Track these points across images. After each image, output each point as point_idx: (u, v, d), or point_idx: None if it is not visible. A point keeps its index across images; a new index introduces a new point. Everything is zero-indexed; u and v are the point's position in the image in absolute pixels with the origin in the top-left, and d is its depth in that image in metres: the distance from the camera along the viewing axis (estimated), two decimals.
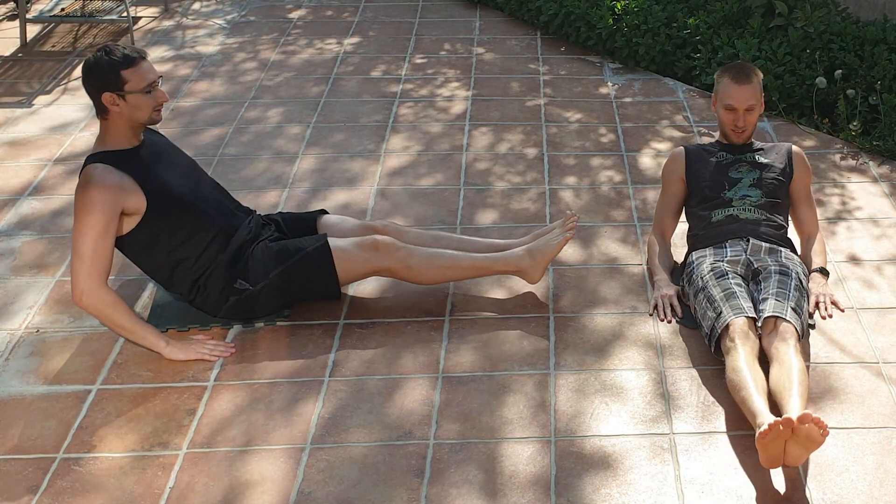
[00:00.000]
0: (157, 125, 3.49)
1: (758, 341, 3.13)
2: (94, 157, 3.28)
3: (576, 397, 3.14)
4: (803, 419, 2.65)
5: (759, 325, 3.19)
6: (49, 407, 3.13)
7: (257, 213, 3.66)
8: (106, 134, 3.31)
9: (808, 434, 2.66)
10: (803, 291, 3.35)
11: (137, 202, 3.25)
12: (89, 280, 3.18)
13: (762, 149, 3.74)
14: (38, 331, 3.49)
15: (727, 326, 3.14)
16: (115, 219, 3.21)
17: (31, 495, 2.80)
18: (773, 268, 3.36)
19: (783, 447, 2.71)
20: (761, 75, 3.69)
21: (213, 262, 3.39)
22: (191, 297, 3.46)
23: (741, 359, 3.01)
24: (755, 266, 3.40)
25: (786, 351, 3.04)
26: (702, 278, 3.39)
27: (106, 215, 3.18)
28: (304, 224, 3.66)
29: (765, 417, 2.76)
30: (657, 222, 3.80)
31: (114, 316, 3.22)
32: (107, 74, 3.21)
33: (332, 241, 3.44)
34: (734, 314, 3.16)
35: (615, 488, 2.79)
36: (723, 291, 3.28)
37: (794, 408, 2.81)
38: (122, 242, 3.33)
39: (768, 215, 3.56)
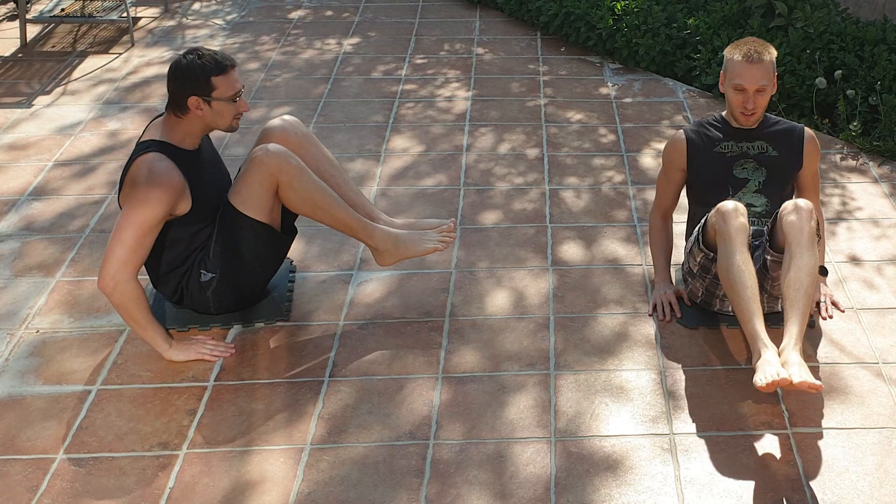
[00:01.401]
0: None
1: (748, 227, 3.14)
2: (157, 146, 3.22)
3: (576, 397, 3.14)
4: (800, 386, 2.80)
5: (777, 215, 3.18)
6: (49, 407, 3.13)
7: None
8: (174, 129, 3.26)
9: (805, 392, 2.85)
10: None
11: (186, 206, 3.24)
12: (124, 270, 3.14)
13: (772, 133, 3.50)
14: (38, 331, 3.49)
15: (717, 210, 3.15)
16: (167, 216, 3.20)
17: (31, 495, 2.80)
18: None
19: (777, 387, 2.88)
20: (775, 53, 3.41)
21: (191, 263, 3.38)
22: (175, 299, 3.45)
23: (735, 253, 3.05)
24: (754, 244, 3.36)
25: (800, 242, 3.04)
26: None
27: (162, 212, 3.16)
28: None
29: (763, 348, 2.91)
30: (658, 202, 3.68)
31: (134, 310, 3.20)
32: (198, 78, 3.18)
33: (230, 192, 3.35)
34: (725, 201, 3.19)
35: (615, 488, 2.79)
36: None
37: (791, 335, 2.93)
38: None
39: (771, 225, 3.42)
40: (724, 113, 3.58)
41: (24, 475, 2.87)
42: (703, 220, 3.33)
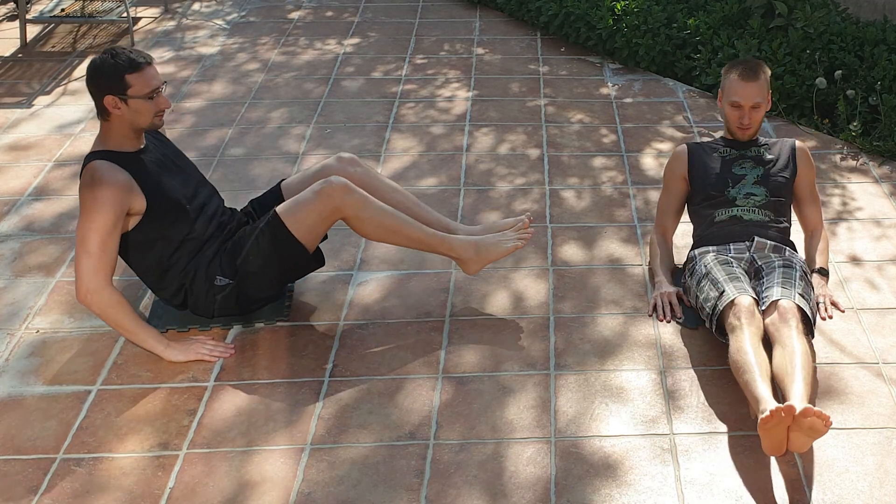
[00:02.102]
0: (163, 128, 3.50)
1: (762, 324, 3.13)
2: (97, 155, 3.26)
3: (576, 398, 3.14)
4: (805, 413, 2.68)
5: (763, 309, 3.18)
6: (49, 407, 3.13)
7: (239, 210, 3.65)
8: (107, 135, 3.30)
9: (812, 425, 2.69)
10: (809, 283, 3.35)
11: (140, 203, 3.24)
12: (95, 278, 3.17)
13: (766, 144, 3.72)
14: (38, 331, 3.49)
15: (732, 303, 3.15)
16: (122, 217, 3.20)
17: (31, 496, 2.80)
18: (776, 262, 3.37)
19: (786, 434, 2.74)
20: (769, 72, 3.65)
21: (197, 266, 3.39)
22: (177, 302, 3.45)
23: (746, 340, 3.02)
24: (759, 263, 3.40)
25: (788, 334, 3.04)
26: (705, 266, 3.40)
27: (115, 213, 3.17)
28: (270, 200, 3.61)
29: (768, 404, 2.77)
30: (659, 221, 3.78)
31: (117, 316, 3.22)
32: (111, 77, 3.20)
33: (281, 207, 3.37)
34: (738, 293, 3.18)
35: (615, 489, 2.79)
36: (727, 275, 3.30)
37: (796, 394, 2.81)
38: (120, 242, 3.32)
39: (772, 216, 3.55)
40: (720, 134, 3.86)
41: (24, 475, 2.87)
42: (713, 306, 3.25)
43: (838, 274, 3.73)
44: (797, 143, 3.74)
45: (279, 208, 3.37)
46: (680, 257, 3.75)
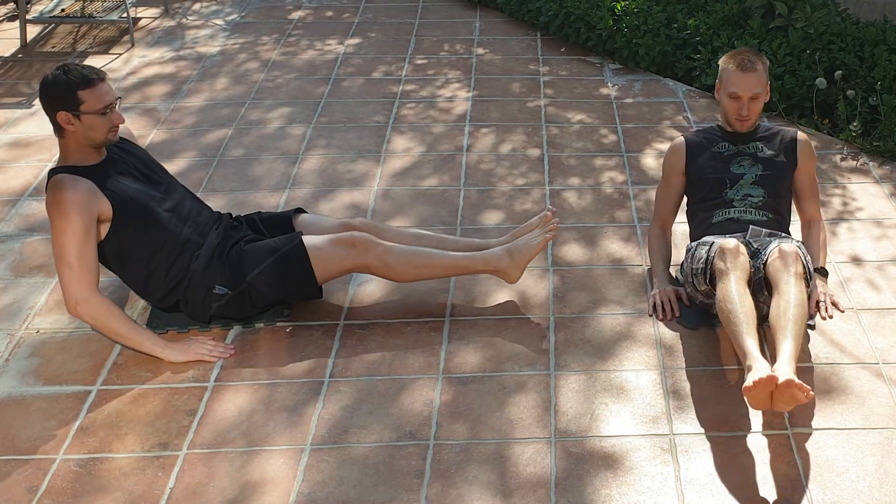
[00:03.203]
0: (130, 135, 3.52)
1: (748, 264, 3.21)
2: (59, 170, 3.27)
3: (576, 398, 3.14)
4: (788, 384, 2.76)
5: (765, 260, 3.24)
6: (49, 407, 3.13)
7: (228, 214, 3.65)
8: (66, 151, 3.30)
9: (793, 395, 2.79)
10: (805, 252, 3.38)
11: (106, 208, 3.24)
12: (81, 288, 3.17)
13: (766, 136, 3.64)
14: (38, 331, 3.49)
15: (719, 249, 3.23)
16: (94, 223, 3.20)
17: (31, 496, 2.80)
18: (772, 239, 3.41)
19: (770, 397, 2.83)
20: (767, 62, 3.58)
21: (187, 272, 3.38)
22: (166, 306, 3.45)
23: (732, 285, 3.10)
24: (755, 246, 3.39)
25: (787, 280, 3.11)
26: (701, 238, 3.48)
27: (84, 219, 3.16)
28: (280, 223, 3.64)
29: (754, 360, 2.88)
30: (658, 213, 3.75)
31: (109, 323, 3.22)
32: (63, 94, 3.19)
33: (308, 240, 3.42)
34: (724, 239, 3.28)
35: (615, 489, 2.79)
36: (719, 236, 3.38)
37: (783, 355, 2.90)
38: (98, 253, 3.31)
39: (770, 215, 3.54)
40: (718, 123, 3.75)
41: (24, 475, 2.87)
42: (707, 253, 3.34)
43: (838, 274, 3.73)
44: (799, 135, 3.65)
45: (307, 241, 3.41)
46: (678, 257, 3.75)
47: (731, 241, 3.25)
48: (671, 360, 3.30)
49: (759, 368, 2.84)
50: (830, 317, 3.46)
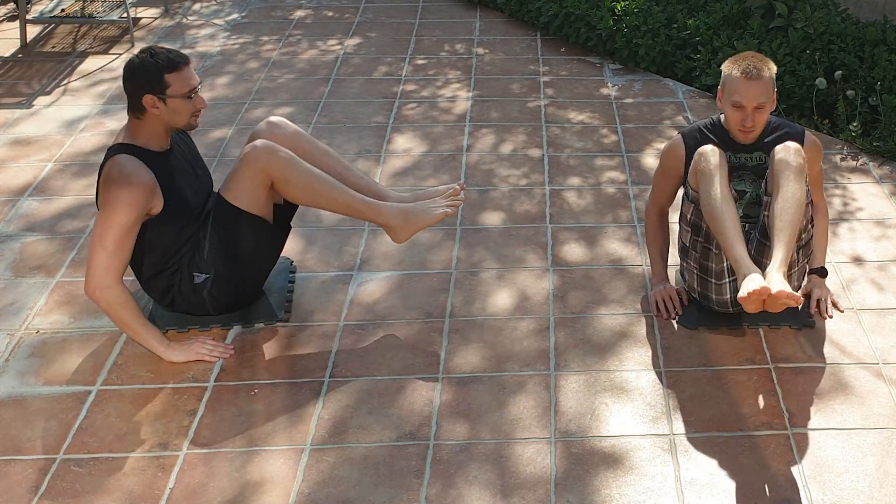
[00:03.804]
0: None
1: (727, 165, 3.25)
2: (123, 148, 3.23)
3: (576, 398, 3.14)
4: (779, 296, 2.88)
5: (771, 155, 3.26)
6: (49, 407, 3.13)
7: None
8: (138, 131, 3.27)
9: (785, 304, 2.92)
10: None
11: (158, 205, 3.24)
12: (107, 275, 3.16)
13: (772, 142, 3.35)
14: (38, 331, 3.49)
15: (698, 153, 3.26)
16: (143, 216, 3.20)
17: (31, 496, 2.80)
18: None
19: (762, 303, 2.96)
20: (775, 68, 3.31)
21: (181, 266, 3.37)
22: (166, 303, 3.45)
23: (716, 187, 3.16)
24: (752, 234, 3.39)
25: (787, 175, 3.16)
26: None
27: (137, 212, 3.15)
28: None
29: (747, 269, 2.99)
30: (654, 199, 3.66)
31: (123, 314, 3.21)
32: (151, 76, 3.19)
33: (221, 186, 3.36)
34: (705, 145, 3.31)
35: (615, 489, 2.79)
36: None
37: (775, 261, 3.00)
38: None
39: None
40: (722, 118, 3.47)
41: (24, 475, 2.87)
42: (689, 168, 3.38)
43: (839, 274, 3.73)
44: (806, 139, 3.40)
45: (221, 190, 3.36)
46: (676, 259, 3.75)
47: (708, 145, 3.28)
48: (671, 360, 3.30)
49: (751, 279, 2.96)
50: (830, 317, 3.47)
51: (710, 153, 3.24)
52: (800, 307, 2.91)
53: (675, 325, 3.45)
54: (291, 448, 2.96)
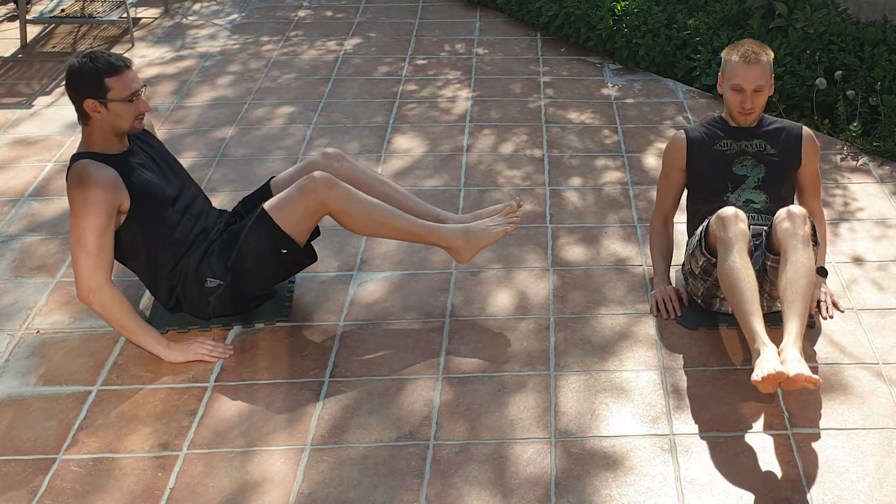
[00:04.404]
0: (152, 127, 3.51)
1: (748, 233, 3.19)
2: (82, 156, 3.26)
3: (576, 398, 3.14)
4: (797, 379, 2.80)
5: (772, 225, 3.22)
6: (49, 408, 3.13)
7: (226, 210, 3.65)
8: (91, 139, 3.30)
9: (802, 386, 2.84)
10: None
11: (126, 201, 3.25)
12: (96, 276, 3.17)
13: (770, 131, 3.54)
14: (38, 331, 3.49)
15: (717, 217, 3.21)
16: (115, 213, 3.21)
17: (31, 496, 2.80)
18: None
19: (778, 386, 2.90)
20: (772, 54, 3.49)
21: (186, 268, 3.39)
22: (171, 305, 3.45)
23: (735, 256, 3.10)
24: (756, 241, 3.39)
25: (794, 246, 3.10)
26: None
27: (107, 209, 3.17)
28: (260, 198, 3.60)
29: (762, 346, 2.92)
30: (659, 206, 3.71)
31: (118, 314, 3.22)
32: (90, 81, 3.20)
33: (269, 203, 3.38)
34: (724, 207, 3.25)
35: (615, 489, 2.79)
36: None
37: (790, 334, 2.94)
38: None
39: (771, 219, 3.46)
40: (722, 114, 3.65)
41: (24, 475, 2.87)
42: (704, 224, 3.34)
43: (839, 274, 3.73)
44: (804, 131, 3.56)
45: (267, 204, 3.37)
46: (678, 258, 3.75)
47: (729, 209, 3.22)
48: (671, 360, 3.30)
49: (767, 357, 2.87)
50: (831, 317, 3.46)
51: (732, 219, 3.17)
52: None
53: (676, 325, 3.45)
54: (291, 448, 2.96)
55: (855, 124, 4.70)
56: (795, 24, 5.29)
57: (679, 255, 3.75)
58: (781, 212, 3.21)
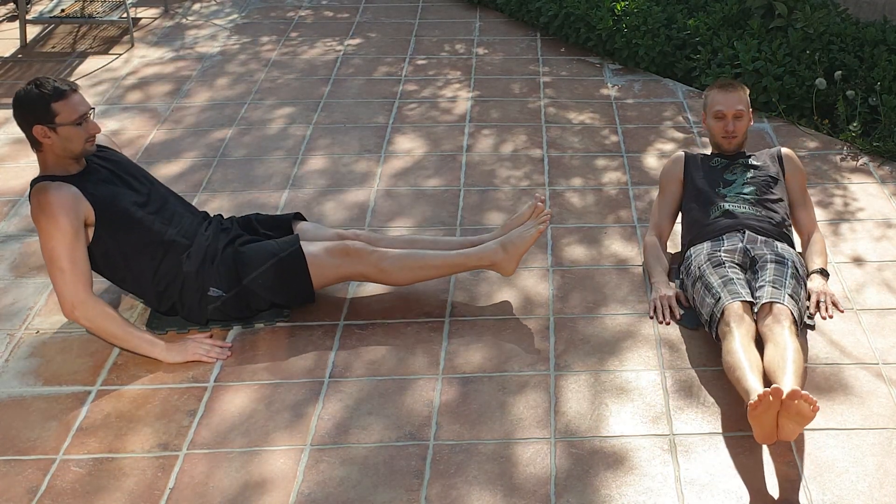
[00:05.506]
0: (112, 143, 3.55)
1: (753, 324, 3.18)
2: (40, 179, 3.28)
3: (576, 398, 3.14)
4: (793, 395, 2.70)
5: (756, 311, 3.22)
6: (49, 408, 3.13)
7: (219, 216, 3.65)
8: (46, 165, 3.31)
9: (799, 410, 2.71)
10: (800, 280, 3.38)
11: (90, 213, 3.25)
12: (76, 291, 3.18)
13: (753, 154, 3.85)
14: (38, 331, 3.49)
15: (723, 311, 3.19)
16: (82, 226, 3.21)
17: (31, 496, 2.80)
18: (769, 256, 3.41)
19: (775, 421, 2.76)
20: (747, 90, 3.83)
21: (178, 274, 3.38)
22: (164, 309, 3.46)
23: (736, 341, 3.06)
24: (752, 254, 3.44)
25: (780, 332, 3.08)
26: (699, 268, 3.43)
27: (72, 222, 3.17)
28: (278, 224, 3.65)
29: (757, 392, 2.80)
30: (654, 224, 3.82)
31: (106, 325, 3.23)
32: (37, 107, 3.20)
33: (305, 246, 3.43)
34: (731, 298, 3.22)
35: (615, 489, 2.79)
36: (720, 279, 3.33)
37: (786, 384, 2.85)
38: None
39: (764, 211, 3.61)
40: (709, 151, 3.97)
41: (24, 475, 2.87)
42: (713, 312, 3.28)
43: (839, 274, 3.73)
44: (783, 149, 3.88)
45: (305, 246, 3.42)
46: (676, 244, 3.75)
47: (735, 305, 3.19)
48: (672, 361, 3.30)
49: (760, 388, 2.81)
50: (830, 316, 3.47)
51: (736, 316, 3.14)
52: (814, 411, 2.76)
53: (676, 326, 3.45)
54: (291, 448, 2.96)
55: (855, 124, 4.70)
56: (795, 24, 5.29)
57: (675, 251, 3.76)
58: (765, 307, 3.18)
